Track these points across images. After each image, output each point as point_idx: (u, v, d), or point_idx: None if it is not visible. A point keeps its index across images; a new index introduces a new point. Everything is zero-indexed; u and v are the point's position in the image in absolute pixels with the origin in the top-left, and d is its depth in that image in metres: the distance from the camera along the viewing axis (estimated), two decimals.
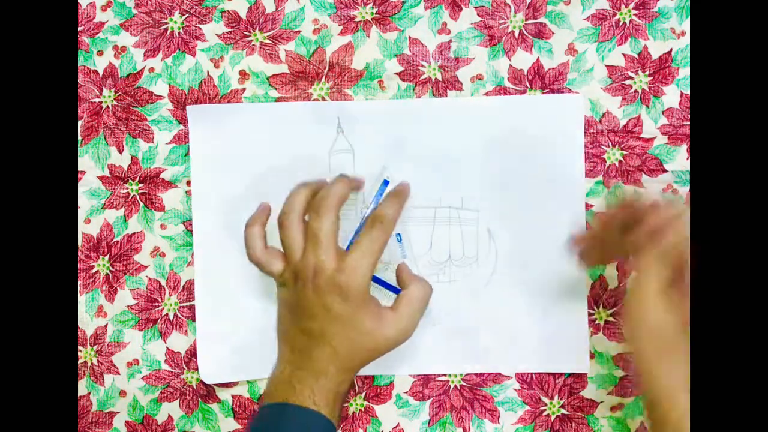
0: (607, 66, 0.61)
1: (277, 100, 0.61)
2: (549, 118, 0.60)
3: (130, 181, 0.62)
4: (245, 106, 0.61)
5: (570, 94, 0.60)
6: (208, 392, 0.62)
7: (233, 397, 0.62)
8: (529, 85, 0.61)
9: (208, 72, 0.61)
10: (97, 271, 0.62)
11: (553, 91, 0.61)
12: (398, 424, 0.62)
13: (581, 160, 0.60)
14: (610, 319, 0.61)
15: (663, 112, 0.61)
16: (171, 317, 0.63)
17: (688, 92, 0.60)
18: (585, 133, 0.61)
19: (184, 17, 0.62)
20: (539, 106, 0.60)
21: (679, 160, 0.61)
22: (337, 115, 0.61)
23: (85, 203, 0.62)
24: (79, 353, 0.63)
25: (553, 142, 0.60)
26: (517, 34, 0.61)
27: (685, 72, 0.60)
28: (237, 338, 0.61)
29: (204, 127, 0.61)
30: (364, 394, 0.62)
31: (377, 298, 0.55)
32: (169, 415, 0.62)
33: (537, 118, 0.60)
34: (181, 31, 0.62)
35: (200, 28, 0.62)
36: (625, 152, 0.61)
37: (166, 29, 0.62)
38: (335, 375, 0.53)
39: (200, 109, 0.61)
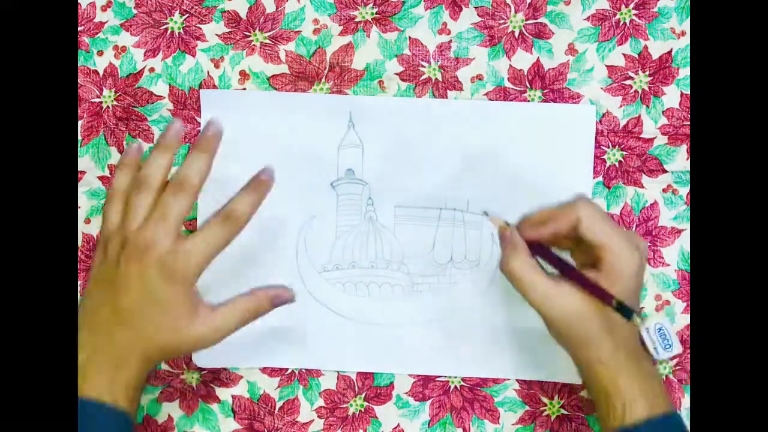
0: (607, 66, 0.61)
1: None
2: (561, 127, 0.60)
3: None
4: (259, 94, 0.61)
5: (583, 105, 0.60)
6: (208, 392, 0.62)
7: (233, 397, 0.62)
8: (529, 86, 0.61)
9: (208, 72, 0.61)
10: None
11: (553, 91, 0.61)
12: (398, 425, 0.62)
13: (590, 171, 0.60)
14: None
15: (663, 112, 0.61)
16: None
17: (689, 92, 0.60)
18: None
19: (184, 17, 0.62)
20: (552, 114, 0.60)
21: (679, 160, 0.61)
22: (349, 109, 0.61)
23: (85, 203, 0.62)
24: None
25: (563, 152, 0.60)
26: (517, 34, 0.61)
27: (685, 72, 0.60)
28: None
29: (216, 113, 0.60)
30: (364, 394, 0.62)
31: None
32: (169, 415, 0.62)
33: (549, 127, 0.60)
34: (181, 31, 0.62)
35: (200, 28, 0.62)
36: (625, 153, 0.61)
37: (166, 29, 0.62)
38: (135, 366, 0.51)
39: (214, 93, 0.61)
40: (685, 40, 0.60)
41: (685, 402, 0.61)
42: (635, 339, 0.52)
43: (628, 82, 0.61)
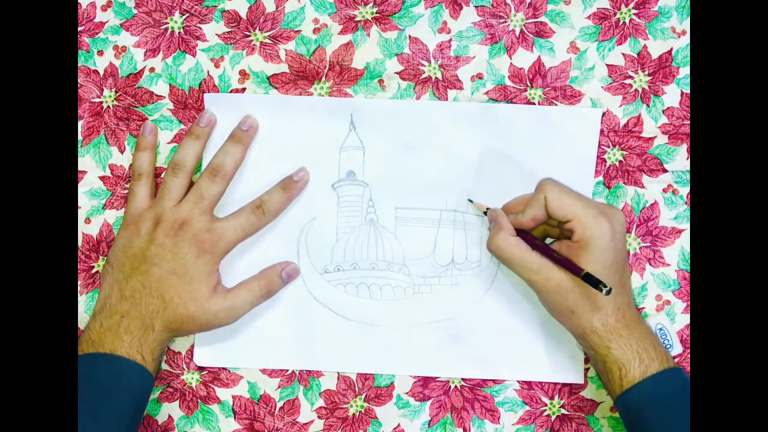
0: (607, 65, 0.61)
1: None
2: (565, 130, 0.60)
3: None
4: (262, 96, 0.61)
5: (588, 108, 0.60)
6: (208, 393, 0.62)
7: (233, 397, 0.62)
8: (530, 84, 0.61)
9: (208, 72, 0.61)
10: (97, 271, 0.62)
11: (555, 89, 0.60)
12: (399, 425, 0.62)
13: (591, 173, 0.60)
14: None
15: (663, 111, 0.60)
16: None
17: (689, 91, 0.60)
18: None
19: (184, 17, 0.62)
20: (556, 116, 0.60)
21: (679, 160, 0.61)
22: (351, 112, 0.61)
23: (85, 203, 0.62)
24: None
25: (565, 154, 0.60)
26: (518, 32, 0.61)
27: (685, 71, 0.60)
28: (232, 327, 0.60)
29: (218, 116, 0.61)
30: (364, 395, 0.62)
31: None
32: (170, 416, 0.62)
33: (552, 129, 0.60)
34: (182, 31, 0.62)
35: (200, 28, 0.62)
36: (625, 152, 0.61)
37: (166, 29, 0.62)
38: (159, 331, 0.56)
39: (217, 97, 0.61)
40: (686, 40, 0.60)
41: None
42: (625, 305, 0.55)
43: (627, 81, 0.61)
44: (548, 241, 0.59)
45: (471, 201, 0.60)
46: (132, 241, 0.58)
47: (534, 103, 0.61)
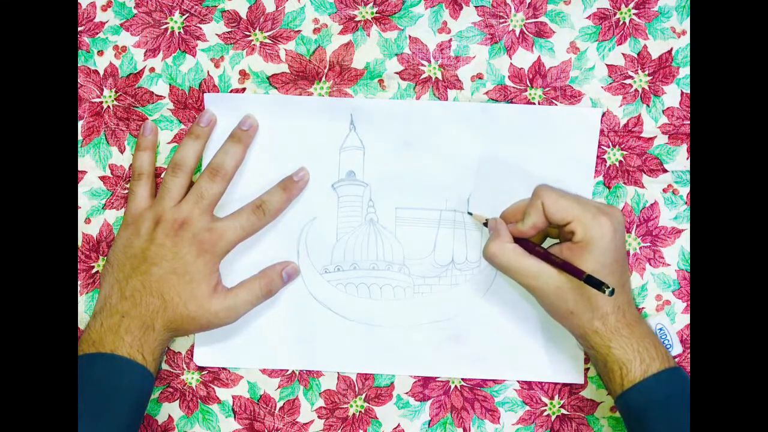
0: (607, 65, 0.61)
1: None
2: (564, 129, 0.60)
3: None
4: (262, 96, 0.61)
5: (588, 108, 0.60)
6: (208, 393, 0.62)
7: (233, 397, 0.62)
8: (530, 84, 0.61)
9: (208, 72, 0.61)
10: (97, 271, 0.62)
11: (555, 89, 0.60)
12: (399, 425, 0.62)
13: (591, 173, 0.60)
14: None
15: (663, 111, 0.60)
16: None
17: (689, 91, 0.60)
18: None
19: (184, 17, 0.62)
20: (556, 116, 0.60)
21: (679, 160, 0.61)
22: (351, 112, 0.61)
23: (85, 203, 0.62)
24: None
25: (565, 155, 0.60)
26: (518, 32, 0.61)
27: (685, 71, 0.60)
28: (232, 327, 0.60)
29: (218, 116, 0.61)
30: (364, 395, 0.62)
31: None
32: (170, 416, 0.62)
33: (552, 129, 0.60)
34: (182, 31, 0.62)
35: (200, 28, 0.62)
36: (625, 152, 0.61)
37: (166, 29, 0.62)
38: (160, 330, 0.56)
39: (217, 97, 0.61)
40: (686, 40, 0.60)
41: None
42: (626, 304, 0.55)
43: (627, 81, 0.61)
44: (548, 242, 0.59)
45: (470, 213, 0.60)
46: (132, 241, 0.58)
47: (534, 103, 0.61)
